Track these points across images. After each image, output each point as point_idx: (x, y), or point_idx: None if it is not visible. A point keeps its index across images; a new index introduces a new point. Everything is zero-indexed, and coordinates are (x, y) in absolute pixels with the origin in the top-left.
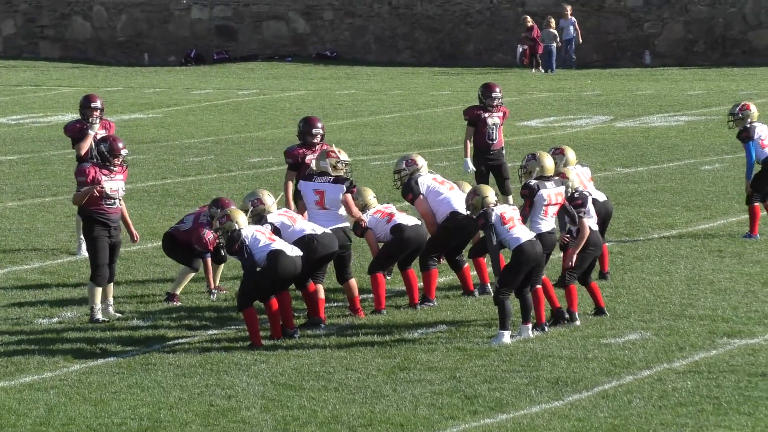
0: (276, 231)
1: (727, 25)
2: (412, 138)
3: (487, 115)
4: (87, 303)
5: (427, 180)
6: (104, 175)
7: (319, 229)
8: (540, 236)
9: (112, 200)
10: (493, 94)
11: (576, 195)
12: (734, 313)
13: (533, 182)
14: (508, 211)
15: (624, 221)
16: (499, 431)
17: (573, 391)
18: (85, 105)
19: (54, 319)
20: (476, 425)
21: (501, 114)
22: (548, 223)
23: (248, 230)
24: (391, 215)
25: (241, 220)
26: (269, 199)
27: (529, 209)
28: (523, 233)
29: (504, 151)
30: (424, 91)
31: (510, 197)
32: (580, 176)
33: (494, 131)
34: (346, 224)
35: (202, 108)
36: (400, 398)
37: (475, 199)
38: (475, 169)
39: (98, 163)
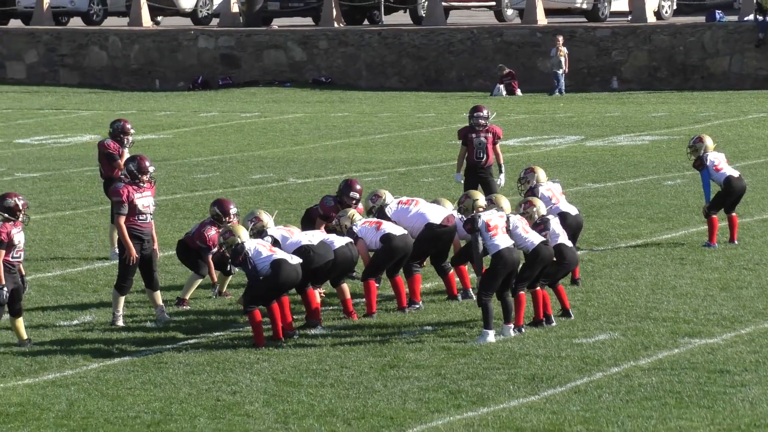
0: (276, 243)
1: (687, 53)
2: (401, 156)
3: (474, 135)
4: (104, 307)
5: (392, 206)
6: (136, 192)
7: (315, 240)
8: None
9: (144, 215)
10: (475, 114)
11: (538, 221)
12: (695, 315)
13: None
14: (493, 219)
15: (594, 232)
16: (481, 424)
17: (548, 387)
18: (124, 130)
19: (74, 322)
20: (459, 418)
21: (490, 135)
22: (503, 238)
23: (250, 243)
24: (379, 223)
25: (243, 234)
26: (266, 216)
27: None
28: (502, 241)
29: (502, 168)
30: (411, 114)
31: None
32: (553, 190)
33: (481, 151)
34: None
35: (209, 129)
36: (390, 393)
37: (466, 202)
38: (463, 181)
39: (129, 182)
